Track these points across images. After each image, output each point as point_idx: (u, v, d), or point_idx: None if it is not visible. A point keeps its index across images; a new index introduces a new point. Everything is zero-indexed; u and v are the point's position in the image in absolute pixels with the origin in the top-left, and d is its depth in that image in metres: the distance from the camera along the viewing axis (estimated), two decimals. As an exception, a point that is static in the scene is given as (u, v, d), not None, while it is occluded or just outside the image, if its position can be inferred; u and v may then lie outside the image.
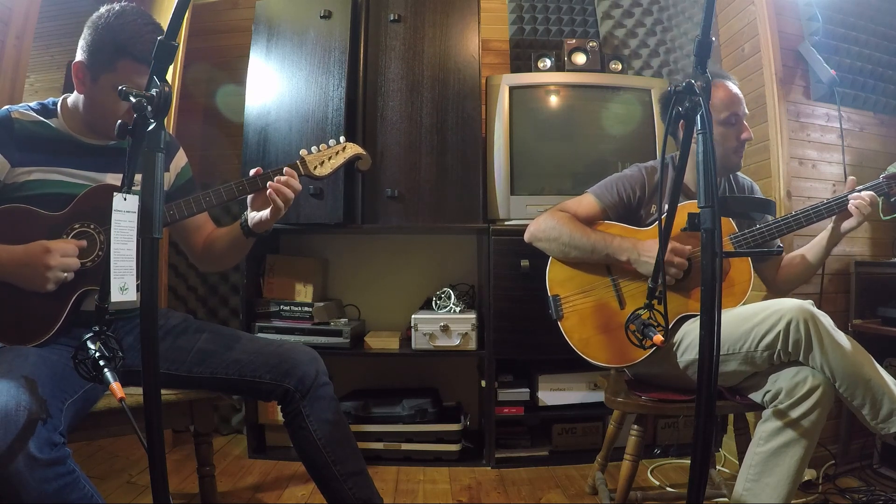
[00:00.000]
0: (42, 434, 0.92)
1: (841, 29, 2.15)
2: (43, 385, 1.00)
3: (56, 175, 1.20)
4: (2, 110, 1.21)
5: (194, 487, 1.59)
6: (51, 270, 1.08)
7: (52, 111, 1.25)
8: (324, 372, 1.33)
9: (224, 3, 2.56)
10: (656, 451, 2.12)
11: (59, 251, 1.09)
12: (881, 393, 1.21)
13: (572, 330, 1.55)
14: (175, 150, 1.44)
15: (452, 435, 2.12)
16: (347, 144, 1.41)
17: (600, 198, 1.62)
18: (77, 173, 1.22)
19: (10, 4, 1.75)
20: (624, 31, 2.55)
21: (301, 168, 1.33)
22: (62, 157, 1.22)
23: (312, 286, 2.22)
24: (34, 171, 1.18)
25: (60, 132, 1.24)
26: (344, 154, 1.40)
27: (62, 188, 1.20)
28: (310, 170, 1.34)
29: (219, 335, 1.36)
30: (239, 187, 1.26)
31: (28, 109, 1.23)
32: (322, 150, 1.38)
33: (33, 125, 1.21)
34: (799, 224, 1.47)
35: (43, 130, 1.22)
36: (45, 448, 0.92)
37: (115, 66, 1.15)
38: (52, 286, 1.10)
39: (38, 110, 1.24)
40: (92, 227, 1.19)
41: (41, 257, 1.08)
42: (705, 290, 0.85)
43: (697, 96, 0.87)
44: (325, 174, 1.37)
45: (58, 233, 1.16)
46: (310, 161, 1.35)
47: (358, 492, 1.29)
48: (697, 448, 0.86)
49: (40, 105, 1.26)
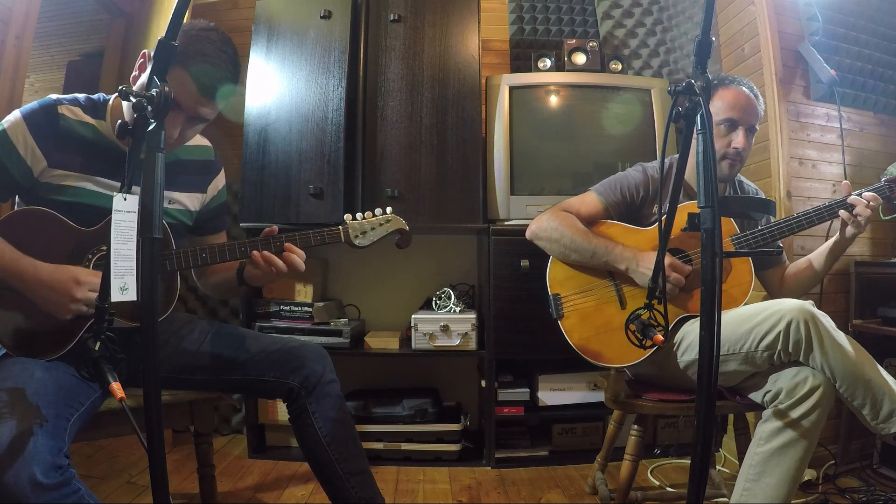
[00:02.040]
0: (47, 459, 0.91)
1: (841, 29, 2.15)
2: (48, 403, 0.98)
3: (91, 185, 1.16)
4: (49, 99, 1.15)
5: (194, 487, 1.59)
6: (75, 303, 1.06)
7: (101, 111, 1.20)
8: (331, 369, 1.33)
9: (224, 3, 2.56)
10: (656, 451, 2.12)
11: (87, 285, 1.06)
12: (881, 393, 1.21)
13: (572, 329, 1.55)
14: (217, 171, 1.41)
15: (452, 435, 2.12)
16: (392, 217, 1.36)
17: (603, 196, 1.62)
18: (113, 185, 1.18)
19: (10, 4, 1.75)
20: (624, 31, 2.55)
21: (342, 236, 1.29)
22: (102, 165, 1.17)
23: (312, 286, 2.22)
24: (69, 175, 1.14)
25: (105, 137, 1.18)
26: (387, 227, 1.34)
27: (96, 200, 1.16)
28: (350, 239, 1.30)
29: (224, 335, 1.35)
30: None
31: (76, 105, 1.17)
32: (367, 219, 1.33)
33: (80, 126, 1.16)
34: (801, 226, 1.46)
35: (88, 133, 1.17)
36: (51, 472, 0.91)
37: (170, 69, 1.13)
38: (71, 317, 1.07)
39: (86, 107, 1.18)
40: None
41: (69, 288, 1.05)
42: (705, 291, 0.85)
43: (697, 96, 0.87)
44: (365, 245, 1.32)
45: (83, 251, 1.14)
46: (352, 228, 1.30)
47: (361, 491, 1.28)
48: (697, 448, 0.86)
49: (90, 101, 1.19)
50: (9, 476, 0.87)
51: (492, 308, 2.05)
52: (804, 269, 1.60)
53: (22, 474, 0.87)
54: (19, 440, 0.90)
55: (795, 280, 1.62)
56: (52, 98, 1.16)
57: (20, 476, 0.87)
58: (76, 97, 1.19)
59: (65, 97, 1.18)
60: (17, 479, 0.87)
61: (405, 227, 1.37)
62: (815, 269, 1.57)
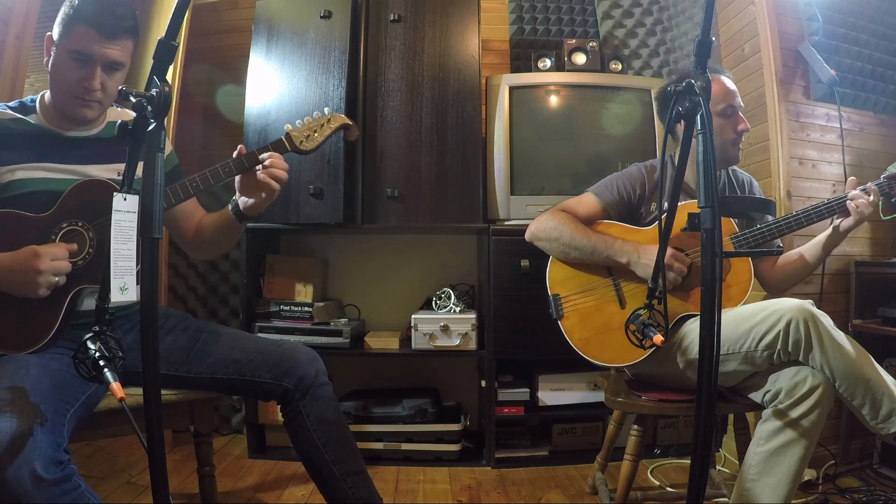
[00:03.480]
0: (48, 454, 0.92)
1: (841, 29, 2.15)
2: (45, 399, 0.99)
3: (40, 172, 1.19)
4: None
5: (194, 487, 1.59)
6: (41, 275, 1.06)
7: (31, 108, 1.24)
8: (323, 372, 1.33)
9: (224, 3, 2.56)
10: (656, 451, 2.12)
11: (48, 255, 1.07)
12: (881, 393, 1.21)
13: (572, 329, 1.55)
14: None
15: (452, 435, 2.12)
16: (332, 115, 1.35)
17: (601, 196, 1.62)
18: (61, 167, 1.21)
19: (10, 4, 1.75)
20: (624, 31, 2.55)
21: (287, 144, 1.29)
22: (44, 152, 1.20)
23: (312, 286, 2.22)
24: (17, 169, 1.17)
25: (40, 127, 1.22)
26: (330, 125, 1.34)
27: (47, 185, 1.18)
28: (296, 144, 1.29)
29: (218, 334, 1.35)
30: (225, 169, 1.23)
31: (5, 108, 1.22)
32: (307, 124, 1.32)
33: (12, 122, 1.20)
34: (799, 224, 1.46)
35: (22, 127, 1.20)
36: (52, 468, 0.91)
37: (71, 32, 1.15)
38: (45, 291, 1.08)
39: (15, 108, 1.23)
40: (80, 225, 1.17)
41: (31, 262, 1.06)
42: (705, 290, 0.85)
43: (697, 96, 0.87)
44: (312, 148, 1.31)
45: (46, 234, 1.15)
46: (295, 136, 1.30)
47: (357, 491, 1.29)
48: (697, 448, 0.86)
49: (19, 103, 1.25)
50: (10, 471, 0.87)
51: (492, 308, 2.05)
52: (795, 259, 1.60)
53: (23, 470, 0.88)
54: (19, 436, 0.90)
55: (786, 270, 1.62)
56: None
57: (21, 471, 0.88)
58: (3, 104, 1.25)
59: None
60: (19, 475, 0.88)
61: (348, 122, 1.37)
62: (806, 261, 1.57)
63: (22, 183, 1.17)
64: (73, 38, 1.15)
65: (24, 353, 1.10)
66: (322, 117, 1.35)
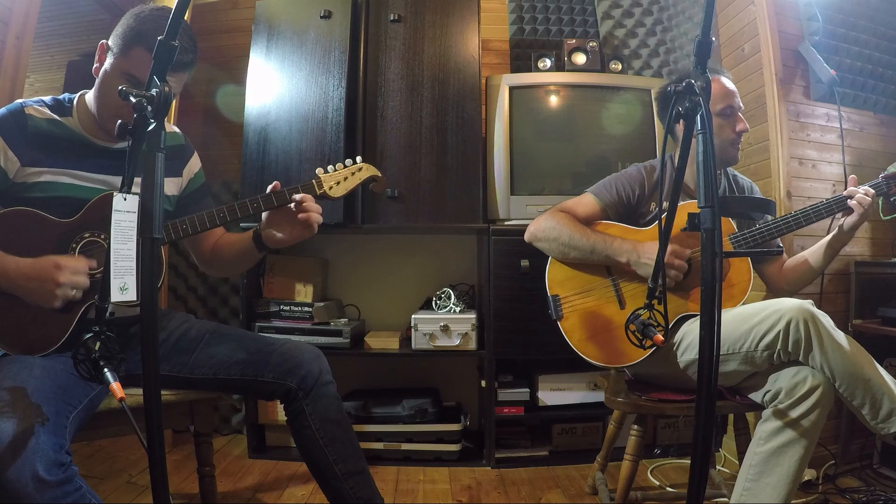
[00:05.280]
0: (50, 455, 0.91)
1: (841, 29, 2.15)
2: (48, 400, 0.99)
3: (66, 178, 1.18)
4: (16, 104, 1.19)
5: (194, 487, 1.59)
6: (60, 288, 1.06)
7: (68, 109, 1.22)
8: (327, 370, 1.33)
9: (224, 3, 2.56)
10: (656, 451, 2.12)
11: (69, 269, 1.07)
12: (881, 393, 1.21)
13: (572, 330, 1.55)
14: (190, 155, 1.42)
15: (452, 435, 2.13)
16: (364, 165, 1.37)
17: (600, 197, 1.62)
18: (89, 176, 1.20)
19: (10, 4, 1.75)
20: (624, 31, 2.55)
21: (316, 188, 1.29)
22: (74, 158, 1.19)
23: (312, 286, 2.22)
24: (44, 171, 1.16)
25: (74, 132, 1.21)
26: (359, 175, 1.36)
27: (73, 192, 1.18)
28: (325, 190, 1.30)
29: (220, 335, 1.35)
30: (254, 205, 1.23)
31: (42, 105, 1.20)
32: (338, 171, 1.33)
33: (47, 123, 1.19)
34: (798, 224, 1.47)
35: (56, 129, 1.19)
36: (54, 469, 0.91)
37: (129, 53, 1.14)
38: (60, 304, 1.08)
39: (53, 107, 1.21)
40: (102, 237, 1.17)
41: (51, 273, 1.06)
42: (705, 290, 0.85)
43: (697, 96, 0.87)
44: (339, 196, 1.33)
45: (67, 241, 1.14)
46: (325, 181, 1.31)
47: (359, 491, 1.28)
48: (697, 448, 0.86)
49: (55, 101, 1.23)
50: (11, 473, 0.87)
51: (492, 308, 2.05)
52: (801, 263, 1.60)
53: (25, 471, 0.88)
54: (21, 437, 0.90)
55: (793, 274, 1.62)
56: (19, 102, 1.19)
57: (23, 473, 0.88)
58: (42, 99, 1.22)
59: (30, 100, 1.21)
60: (20, 476, 0.87)
61: (378, 174, 1.39)
62: (811, 266, 1.57)
63: (48, 186, 1.16)
64: (130, 59, 1.14)
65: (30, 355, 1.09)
66: (353, 166, 1.36)
